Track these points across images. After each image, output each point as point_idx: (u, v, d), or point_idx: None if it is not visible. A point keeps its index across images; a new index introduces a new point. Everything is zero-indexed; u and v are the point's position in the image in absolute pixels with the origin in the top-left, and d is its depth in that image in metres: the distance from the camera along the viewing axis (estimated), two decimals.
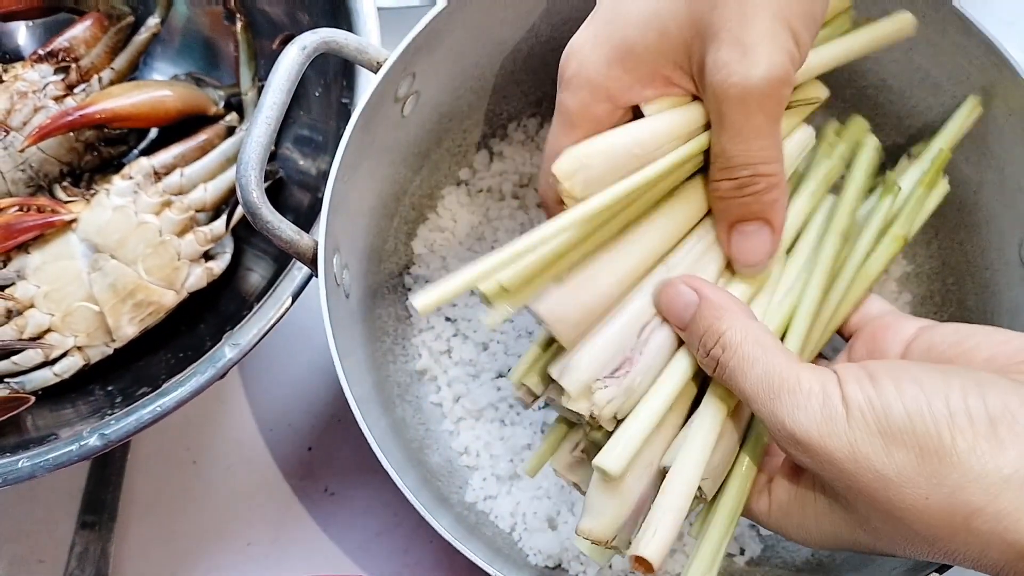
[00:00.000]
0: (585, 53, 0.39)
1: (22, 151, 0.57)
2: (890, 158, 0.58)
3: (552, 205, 0.42)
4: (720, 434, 0.39)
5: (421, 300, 0.38)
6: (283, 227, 0.46)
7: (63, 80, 0.59)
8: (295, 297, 0.50)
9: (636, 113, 0.42)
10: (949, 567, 0.41)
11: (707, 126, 0.41)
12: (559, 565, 0.54)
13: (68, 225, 0.55)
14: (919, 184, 0.48)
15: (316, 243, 0.46)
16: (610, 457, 0.39)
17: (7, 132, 0.57)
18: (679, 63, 0.39)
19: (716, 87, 0.38)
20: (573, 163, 0.39)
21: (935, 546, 0.33)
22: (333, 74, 0.55)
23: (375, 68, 0.47)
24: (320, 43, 0.47)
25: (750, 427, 0.41)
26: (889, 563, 0.46)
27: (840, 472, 0.34)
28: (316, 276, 0.46)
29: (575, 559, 0.53)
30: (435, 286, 0.38)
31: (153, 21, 0.62)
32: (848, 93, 0.57)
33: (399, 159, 0.55)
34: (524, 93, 0.59)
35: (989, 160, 0.51)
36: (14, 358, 0.55)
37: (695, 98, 0.41)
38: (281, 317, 0.50)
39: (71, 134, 0.59)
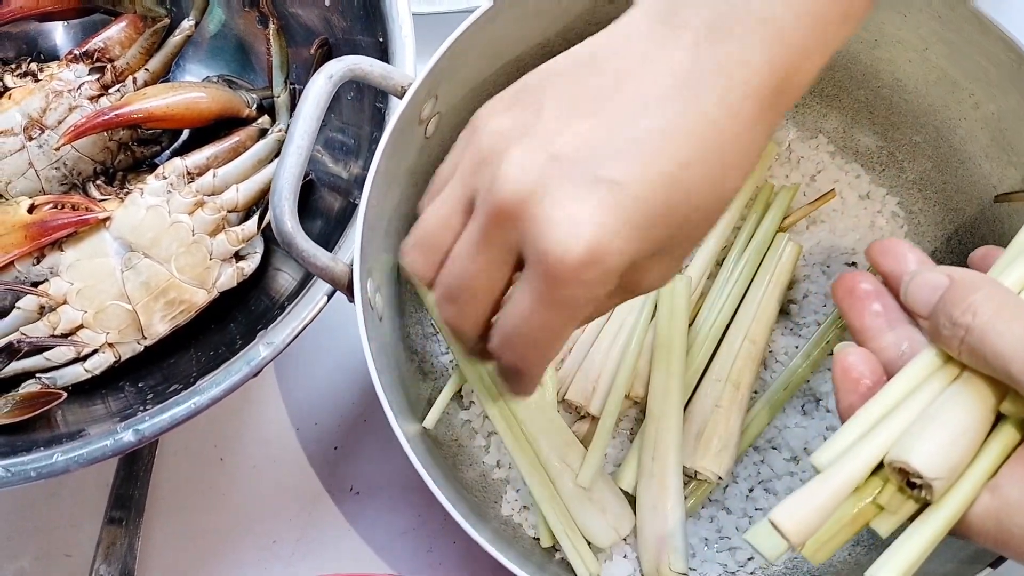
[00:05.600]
0: (614, 263, 0.34)
1: (57, 149, 0.58)
2: (906, 156, 0.59)
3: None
4: (965, 429, 0.36)
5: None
6: (319, 255, 0.47)
7: (98, 80, 0.60)
8: (330, 296, 0.51)
9: None
10: (1003, 560, 0.41)
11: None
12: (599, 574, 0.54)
13: (102, 223, 0.56)
14: None
15: (351, 269, 0.47)
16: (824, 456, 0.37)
17: (42, 130, 0.58)
18: None
19: None
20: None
21: None
22: None
23: (400, 93, 0.48)
24: (346, 71, 0.48)
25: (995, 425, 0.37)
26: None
27: None
28: (352, 302, 0.47)
29: (615, 565, 0.54)
30: None
31: (188, 23, 0.62)
32: (862, 94, 0.58)
33: (423, 179, 0.55)
34: None
35: (1011, 156, 0.52)
36: (46, 354, 0.56)
37: None
38: (316, 316, 0.50)
39: (105, 134, 0.59)
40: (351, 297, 0.47)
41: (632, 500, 0.55)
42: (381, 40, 0.54)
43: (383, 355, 0.49)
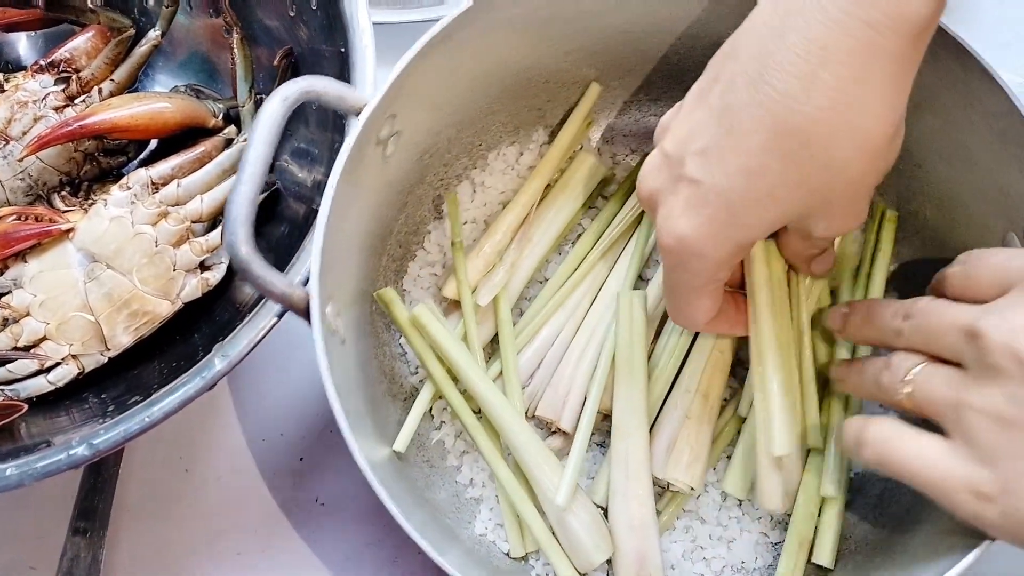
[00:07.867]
0: (708, 252, 0.42)
1: (21, 160, 0.58)
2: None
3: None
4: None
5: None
6: (276, 282, 0.45)
7: (63, 91, 0.60)
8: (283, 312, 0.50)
9: None
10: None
11: None
12: None
13: (65, 234, 0.56)
14: None
15: (308, 295, 0.46)
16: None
17: (7, 141, 0.58)
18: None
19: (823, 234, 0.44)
20: None
21: None
22: None
23: (356, 113, 0.48)
24: (301, 93, 0.46)
25: None
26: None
27: None
28: (310, 326, 0.46)
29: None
30: None
31: (154, 33, 0.62)
32: None
33: (383, 199, 0.55)
34: (501, 123, 0.60)
35: (965, 159, 0.51)
36: (8, 366, 0.56)
37: None
38: (271, 328, 0.50)
39: (70, 144, 0.59)
40: (310, 322, 0.46)
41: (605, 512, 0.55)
42: (343, 50, 0.54)
43: (346, 378, 0.49)
